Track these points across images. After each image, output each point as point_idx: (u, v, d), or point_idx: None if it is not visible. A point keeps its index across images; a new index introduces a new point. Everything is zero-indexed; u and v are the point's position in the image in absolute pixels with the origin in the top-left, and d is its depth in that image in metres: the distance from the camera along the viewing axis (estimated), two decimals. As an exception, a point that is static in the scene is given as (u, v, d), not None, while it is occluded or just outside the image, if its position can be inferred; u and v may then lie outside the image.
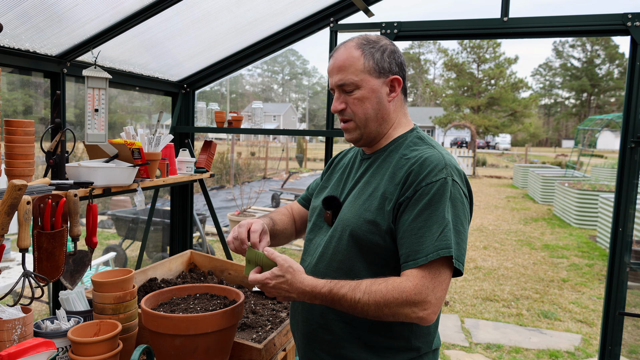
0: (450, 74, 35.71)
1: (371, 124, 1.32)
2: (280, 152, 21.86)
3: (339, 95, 1.33)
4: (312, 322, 1.36)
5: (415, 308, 1.13)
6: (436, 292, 1.15)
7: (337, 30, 2.68)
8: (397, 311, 1.14)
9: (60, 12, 1.95)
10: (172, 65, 2.92)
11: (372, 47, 1.30)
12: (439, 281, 1.15)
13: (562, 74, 49.99)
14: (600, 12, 2.24)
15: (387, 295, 1.14)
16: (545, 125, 56.10)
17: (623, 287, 2.30)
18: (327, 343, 1.33)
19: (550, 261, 7.36)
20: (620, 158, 2.27)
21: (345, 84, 1.30)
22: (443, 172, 1.21)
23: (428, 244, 1.15)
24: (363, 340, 1.29)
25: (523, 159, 27.65)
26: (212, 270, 2.32)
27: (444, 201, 1.18)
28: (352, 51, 1.30)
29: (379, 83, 1.30)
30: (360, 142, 1.37)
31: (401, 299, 1.13)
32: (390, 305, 1.14)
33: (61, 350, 1.44)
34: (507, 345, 4.26)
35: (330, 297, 1.19)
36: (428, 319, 1.15)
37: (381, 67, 1.30)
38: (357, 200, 1.31)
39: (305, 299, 1.23)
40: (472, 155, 21.89)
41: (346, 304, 1.18)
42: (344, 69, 1.30)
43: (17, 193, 1.35)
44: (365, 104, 1.30)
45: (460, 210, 1.20)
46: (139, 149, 2.16)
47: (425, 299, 1.13)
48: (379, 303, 1.15)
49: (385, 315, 1.16)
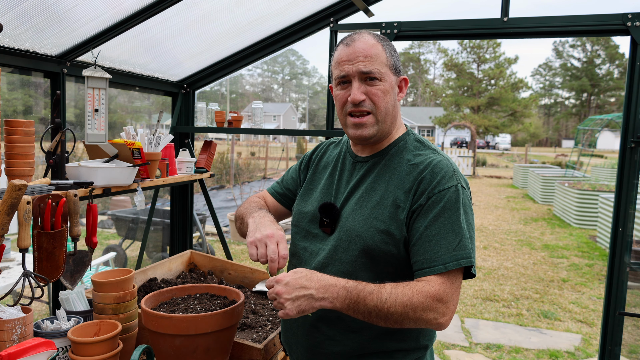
0: (450, 74, 35.74)
1: (388, 119, 1.28)
2: (280, 152, 21.86)
3: (360, 85, 1.24)
4: (318, 334, 1.29)
5: (436, 314, 1.12)
6: (454, 298, 1.15)
7: (337, 30, 2.68)
8: (422, 316, 1.12)
9: (60, 12, 1.95)
10: (172, 65, 2.92)
11: (387, 44, 1.28)
12: (455, 287, 1.15)
13: (562, 74, 50.02)
14: (600, 12, 2.24)
15: (412, 299, 1.11)
16: (545, 125, 56.11)
17: (623, 287, 2.30)
18: (335, 355, 1.28)
19: (550, 261, 7.36)
20: (620, 158, 2.27)
21: (372, 72, 1.22)
22: (453, 178, 1.21)
23: (445, 251, 1.15)
24: (375, 347, 1.26)
25: (523, 159, 27.65)
26: (212, 270, 2.32)
27: (457, 208, 1.18)
28: (375, 43, 1.25)
29: (395, 80, 1.29)
30: (373, 139, 1.29)
31: (426, 304, 1.11)
32: (416, 309, 1.11)
33: (61, 350, 1.44)
34: (507, 345, 4.26)
35: (356, 293, 1.11)
36: (446, 324, 1.15)
37: (397, 65, 1.29)
38: (363, 209, 1.26)
39: (325, 294, 1.11)
40: (472, 155, 21.90)
41: (371, 304, 1.11)
42: (370, 58, 1.23)
43: (17, 193, 1.35)
44: (387, 98, 1.25)
45: (470, 217, 1.22)
46: (139, 149, 2.16)
47: (446, 305, 1.13)
48: (405, 306, 1.11)
49: (409, 320, 1.12)
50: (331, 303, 1.12)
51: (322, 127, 34.78)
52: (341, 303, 1.12)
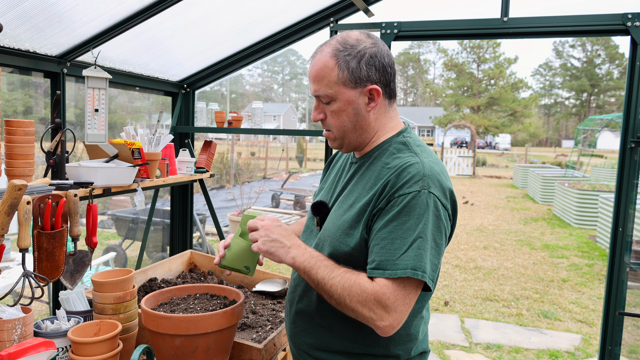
0: (450, 74, 35.70)
1: (349, 135, 1.28)
2: (280, 152, 21.86)
3: (318, 105, 1.29)
4: (297, 325, 1.38)
5: (373, 314, 1.11)
6: (399, 306, 1.11)
7: (337, 30, 2.68)
8: (357, 308, 1.13)
9: (60, 12, 1.95)
10: (172, 65, 2.92)
11: (348, 54, 1.21)
12: (402, 295, 1.11)
13: (562, 74, 50.03)
14: (600, 12, 2.24)
15: (353, 287, 1.13)
16: (545, 125, 56.12)
17: (623, 287, 2.30)
18: (308, 346, 1.36)
19: (550, 261, 7.36)
20: (620, 158, 2.27)
21: (321, 96, 1.25)
22: (419, 183, 1.14)
23: (389, 257, 1.12)
24: (343, 346, 1.30)
25: (523, 159, 27.65)
26: (212, 270, 2.32)
27: (415, 214, 1.13)
28: (327, 60, 1.22)
29: (355, 94, 1.23)
30: (343, 149, 1.34)
31: (360, 298, 1.12)
32: (352, 297, 1.13)
33: (61, 350, 1.44)
34: (507, 345, 4.26)
35: (315, 261, 1.20)
36: (385, 330, 1.11)
37: (357, 77, 1.21)
38: (339, 210, 1.30)
39: (293, 246, 1.23)
40: (472, 156, 21.90)
41: (320, 275, 1.18)
42: (318, 80, 1.24)
43: (17, 193, 1.35)
44: (342, 117, 1.25)
45: (432, 223, 1.14)
46: (139, 149, 2.16)
47: (386, 310, 1.10)
48: (345, 290, 1.14)
49: (346, 306, 1.15)
50: (293, 259, 1.22)
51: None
52: (301, 263, 1.21)
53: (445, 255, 7.49)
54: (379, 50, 1.24)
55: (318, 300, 1.31)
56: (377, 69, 1.23)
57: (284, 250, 1.22)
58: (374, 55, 1.22)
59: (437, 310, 5.12)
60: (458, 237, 8.83)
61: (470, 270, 6.72)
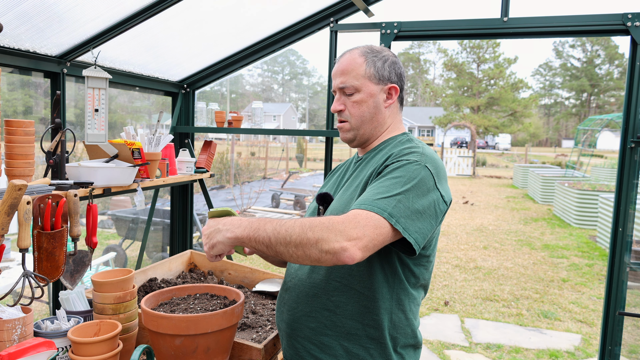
0: (450, 74, 35.70)
1: (366, 125, 1.42)
2: (280, 152, 21.87)
3: (340, 97, 1.43)
4: (298, 310, 1.40)
5: (340, 236, 1.08)
6: (367, 230, 1.10)
7: (337, 30, 2.68)
8: (322, 235, 1.09)
9: (60, 12, 1.95)
10: (172, 65, 2.92)
11: (375, 55, 1.40)
12: (373, 226, 1.12)
13: (562, 74, 49.99)
14: (600, 12, 2.23)
15: (314, 220, 1.13)
16: (545, 125, 56.11)
17: (623, 287, 2.30)
18: (311, 330, 1.37)
19: (550, 261, 7.36)
20: (620, 158, 2.27)
21: (346, 87, 1.39)
22: (414, 155, 1.26)
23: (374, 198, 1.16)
24: (345, 328, 1.33)
25: (523, 159, 27.65)
26: (212, 270, 2.32)
27: (401, 175, 1.20)
28: (356, 57, 1.40)
29: (377, 89, 1.40)
30: (354, 142, 1.46)
31: (328, 224, 1.10)
32: (314, 228, 1.11)
33: (61, 350, 1.44)
34: (507, 345, 4.26)
35: (258, 223, 1.19)
36: (351, 250, 1.08)
37: (381, 74, 1.39)
38: (345, 193, 1.39)
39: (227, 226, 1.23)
40: (472, 155, 21.90)
41: (270, 228, 1.16)
42: (346, 73, 1.40)
43: (17, 193, 1.35)
44: (363, 107, 1.40)
45: (418, 196, 1.19)
46: (139, 149, 2.16)
47: (354, 227, 1.10)
48: (304, 225, 1.12)
49: (309, 243, 1.11)
50: (232, 233, 1.21)
51: (322, 127, 34.77)
52: (242, 232, 1.20)
53: (445, 255, 7.50)
54: (398, 61, 1.45)
55: (323, 281, 1.35)
56: (396, 73, 1.43)
57: (220, 235, 1.23)
58: (395, 62, 1.43)
59: (437, 310, 5.12)
60: (458, 237, 8.84)
61: (470, 270, 6.72)
